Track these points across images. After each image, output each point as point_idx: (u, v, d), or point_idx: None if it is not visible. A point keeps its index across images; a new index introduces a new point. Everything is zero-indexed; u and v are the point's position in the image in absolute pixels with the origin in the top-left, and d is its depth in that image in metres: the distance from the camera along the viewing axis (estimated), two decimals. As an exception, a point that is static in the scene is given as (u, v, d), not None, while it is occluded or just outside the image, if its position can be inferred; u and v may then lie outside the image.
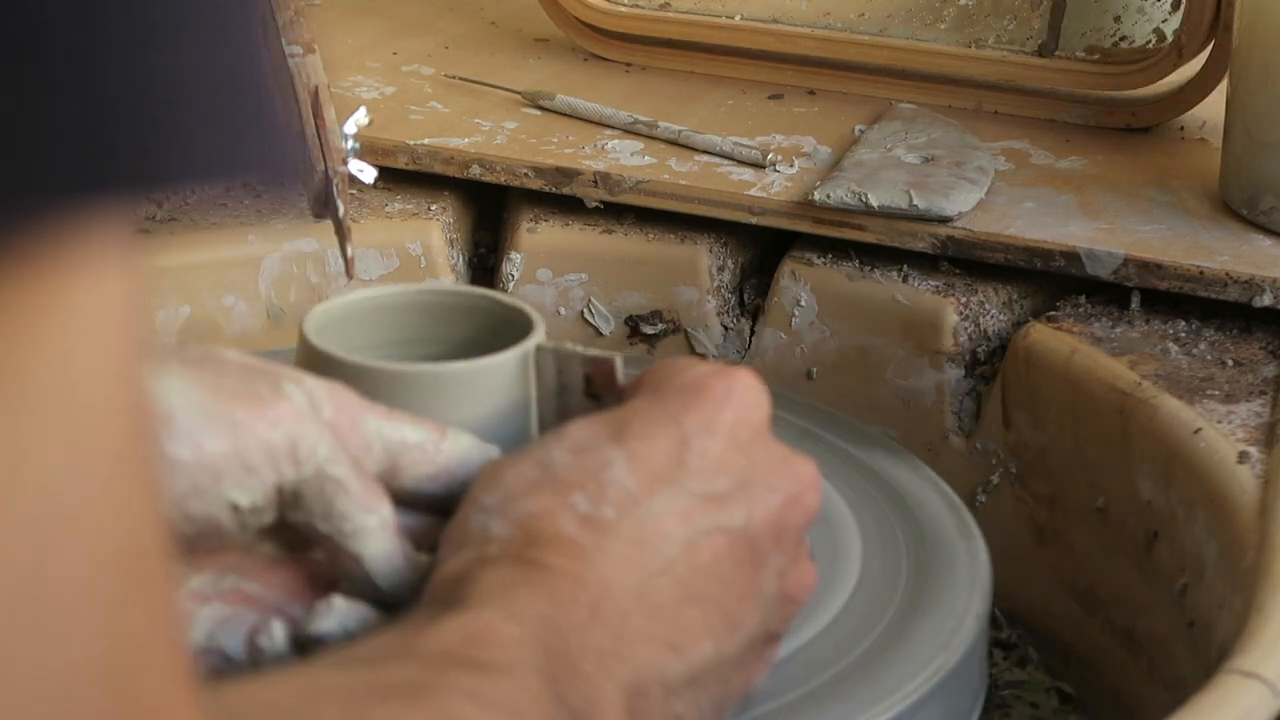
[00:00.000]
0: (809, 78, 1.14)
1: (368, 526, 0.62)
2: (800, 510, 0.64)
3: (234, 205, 1.05)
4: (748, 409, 0.64)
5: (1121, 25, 1.09)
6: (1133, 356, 0.91)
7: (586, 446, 0.62)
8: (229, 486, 0.60)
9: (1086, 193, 1.01)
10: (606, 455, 0.61)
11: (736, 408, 0.64)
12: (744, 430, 0.63)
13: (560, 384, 0.67)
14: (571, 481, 0.61)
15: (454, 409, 0.72)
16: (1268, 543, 0.76)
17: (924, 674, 0.70)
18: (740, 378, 0.64)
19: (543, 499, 0.60)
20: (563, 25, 1.18)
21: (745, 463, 0.63)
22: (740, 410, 0.64)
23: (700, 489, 0.62)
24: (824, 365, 1.00)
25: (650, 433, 0.62)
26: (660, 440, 0.62)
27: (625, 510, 0.60)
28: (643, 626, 0.59)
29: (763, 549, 0.63)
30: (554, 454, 0.62)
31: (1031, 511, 0.94)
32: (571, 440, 0.62)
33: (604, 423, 0.63)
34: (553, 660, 0.55)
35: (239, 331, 1.01)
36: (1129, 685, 0.88)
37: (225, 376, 0.61)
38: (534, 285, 1.04)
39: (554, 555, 0.59)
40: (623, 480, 0.61)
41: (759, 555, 0.62)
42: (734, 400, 0.64)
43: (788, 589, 0.64)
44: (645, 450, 0.62)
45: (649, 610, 0.59)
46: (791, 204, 1.00)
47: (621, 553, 0.59)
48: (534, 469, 0.62)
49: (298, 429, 0.61)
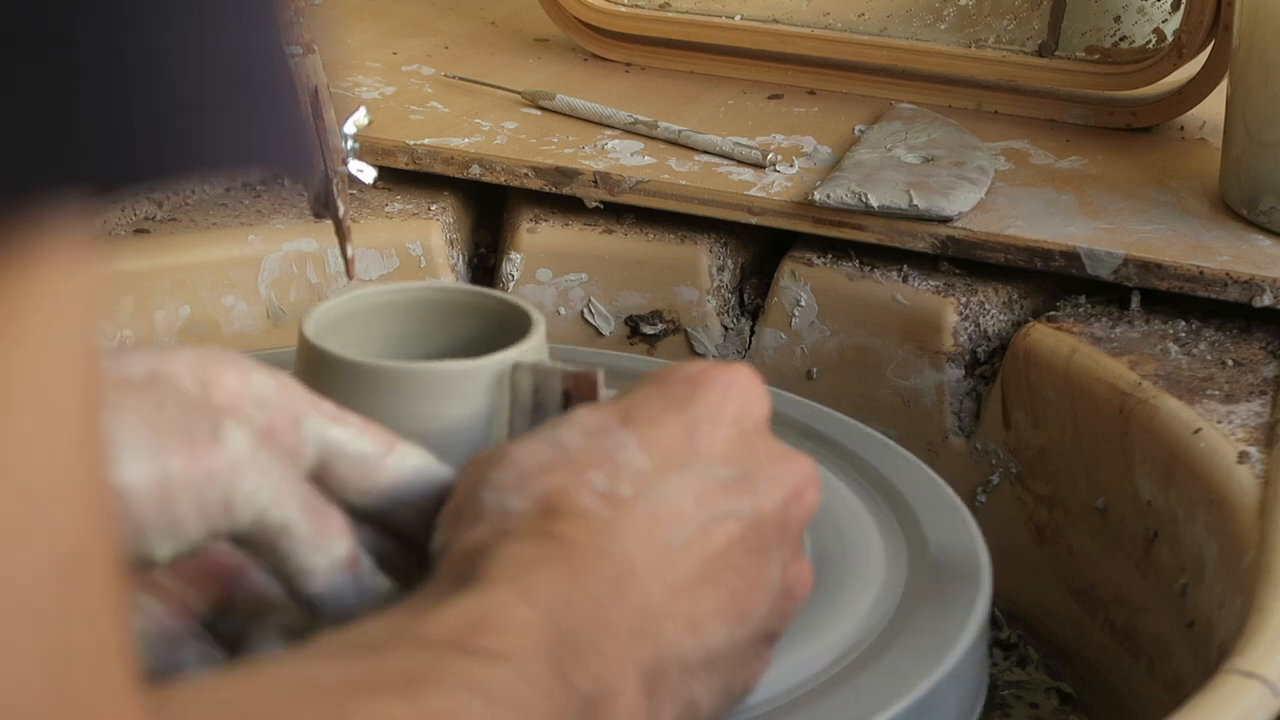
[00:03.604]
0: (809, 78, 1.14)
1: (316, 568, 0.60)
2: (802, 505, 0.64)
3: (234, 205, 1.05)
4: (750, 402, 0.64)
5: (1121, 25, 1.09)
6: (1133, 356, 0.91)
7: (597, 429, 0.62)
8: (152, 539, 0.57)
9: (1086, 193, 1.01)
10: (618, 437, 0.61)
11: (739, 400, 0.64)
12: (747, 422, 0.64)
13: (535, 401, 0.67)
14: (586, 461, 0.60)
15: (453, 407, 0.72)
16: (1268, 543, 0.76)
17: (924, 674, 0.70)
18: (740, 372, 0.65)
19: (559, 476, 0.60)
20: (563, 25, 1.18)
21: (750, 454, 0.63)
22: (743, 403, 0.64)
23: (711, 474, 0.62)
24: (824, 365, 1.00)
25: (659, 418, 0.62)
26: (669, 425, 0.62)
27: (642, 488, 0.60)
28: (664, 603, 0.59)
29: (769, 540, 0.63)
30: (565, 435, 0.62)
31: (1031, 511, 0.94)
32: (580, 424, 0.62)
33: (610, 409, 0.63)
34: (565, 643, 0.55)
35: (239, 331, 1.01)
36: (1129, 685, 0.88)
37: (165, 411, 0.58)
38: (534, 285, 1.04)
39: (575, 528, 0.58)
40: (637, 460, 0.61)
41: (766, 545, 0.63)
42: (736, 392, 0.64)
43: (789, 584, 0.64)
44: (655, 434, 0.62)
45: (669, 588, 0.59)
46: (791, 204, 1.00)
47: (641, 529, 0.59)
48: (547, 449, 0.61)
49: (232, 478, 0.58)
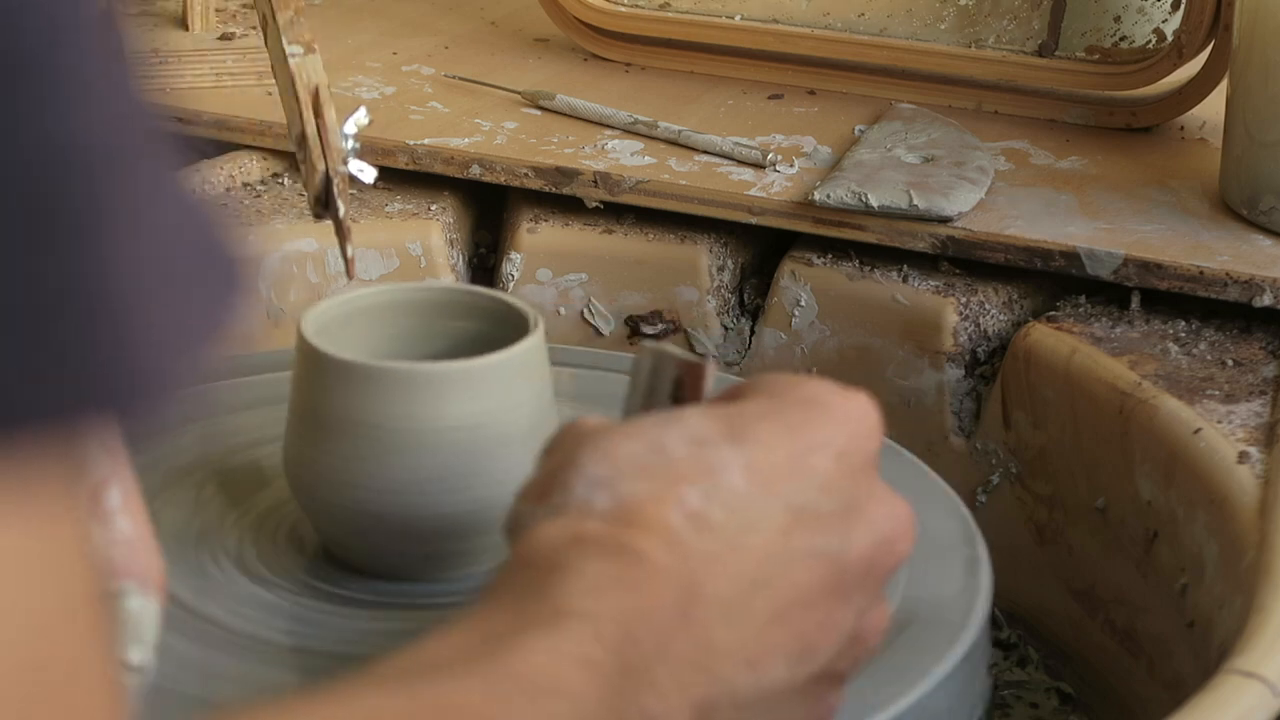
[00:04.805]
0: (809, 78, 1.14)
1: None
2: (892, 554, 0.62)
3: (234, 205, 1.05)
4: (864, 435, 0.62)
5: (1121, 25, 1.09)
6: (1133, 356, 0.91)
7: (704, 440, 0.59)
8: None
9: (1086, 193, 1.01)
10: (724, 454, 0.59)
11: (854, 432, 0.61)
12: (857, 457, 0.61)
13: (651, 385, 0.65)
14: (684, 473, 0.58)
15: (453, 408, 0.72)
16: (1268, 543, 0.76)
17: (924, 674, 0.70)
18: (859, 402, 0.62)
19: (653, 483, 0.58)
20: (563, 25, 1.18)
21: (852, 490, 0.61)
22: (857, 436, 0.61)
23: (807, 506, 0.60)
24: (824, 365, 1.00)
25: (768, 440, 0.60)
26: (778, 450, 0.60)
27: (732, 514, 0.58)
28: (727, 638, 0.57)
29: (851, 583, 0.61)
30: (670, 440, 0.59)
31: (1031, 511, 0.94)
32: (688, 430, 0.60)
33: (722, 419, 0.60)
34: (624, 673, 0.54)
35: (239, 331, 1.01)
36: (1129, 685, 0.88)
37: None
38: (534, 285, 1.04)
39: (652, 544, 0.56)
40: (735, 484, 0.59)
41: (846, 588, 0.60)
42: (852, 423, 0.61)
43: (863, 631, 0.62)
44: (762, 457, 0.59)
45: (737, 621, 0.58)
46: (791, 204, 1.00)
47: (720, 557, 0.58)
48: (647, 451, 0.59)
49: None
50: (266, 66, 0.87)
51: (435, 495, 0.72)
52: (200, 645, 0.71)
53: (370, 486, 0.73)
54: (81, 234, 0.31)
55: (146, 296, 0.32)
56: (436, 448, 0.72)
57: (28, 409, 0.31)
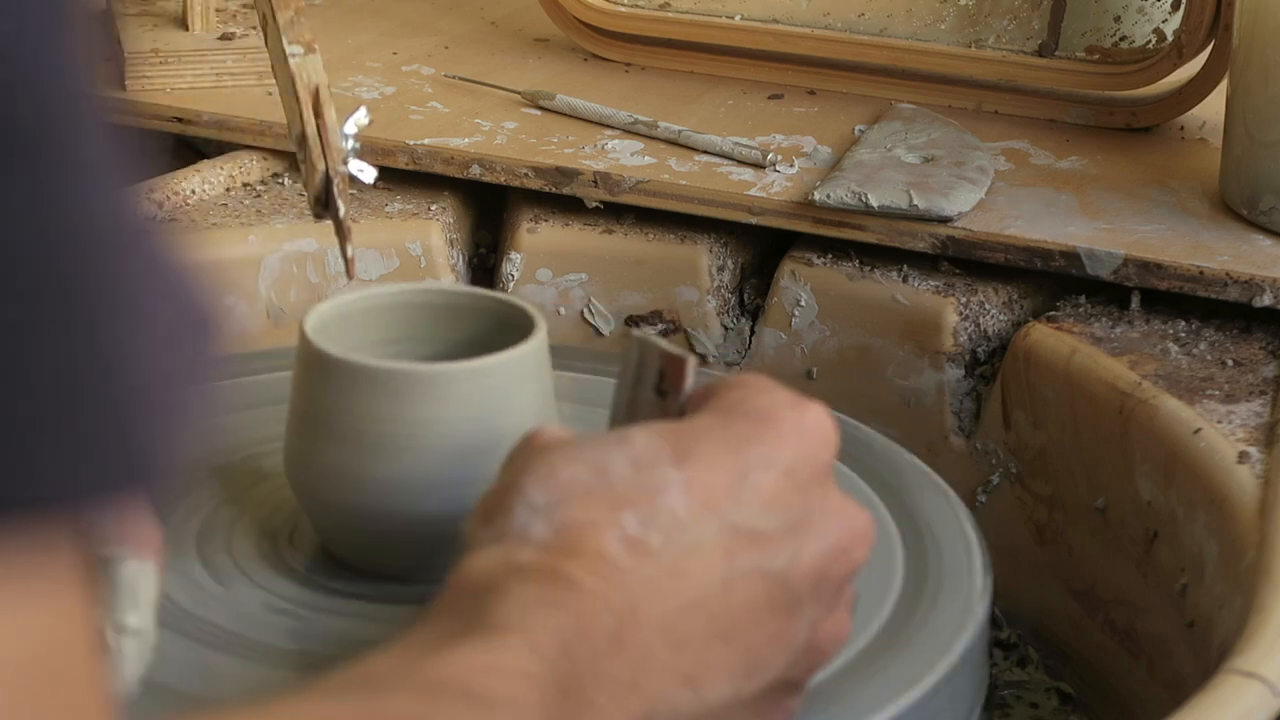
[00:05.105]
0: (809, 78, 1.14)
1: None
2: (846, 562, 0.62)
3: (234, 205, 1.05)
4: (815, 447, 0.62)
5: (1121, 25, 1.09)
6: (1133, 356, 0.91)
7: (647, 462, 0.60)
8: None
9: (1086, 193, 1.01)
10: (666, 476, 0.59)
11: (802, 444, 0.61)
12: (804, 470, 0.61)
13: (637, 375, 0.66)
14: (625, 498, 0.59)
15: (454, 409, 0.72)
16: (1268, 543, 0.76)
17: (924, 674, 0.70)
18: (812, 413, 0.62)
19: (592, 510, 0.58)
20: (563, 25, 1.18)
21: (800, 504, 0.61)
22: (806, 448, 0.61)
23: (749, 525, 0.60)
24: (824, 365, 1.00)
25: (710, 459, 0.60)
26: (720, 468, 0.60)
27: (671, 539, 0.59)
28: (667, 659, 0.58)
29: (799, 597, 0.61)
30: (614, 463, 0.60)
31: (1031, 511, 0.94)
32: (633, 451, 0.60)
33: (668, 438, 0.61)
34: (563, 691, 0.54)
35: (239, 331, 1.01)
36: (1129, 685, 0.88)
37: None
38: (534, 285, 1.04)
39: (587, 573, 0.57)
40: (676, 506, 0.59)
41: (795, 602, 0.61)
42: (802, 437, 0.61)
43: (818, 640, 0.62)
44: (703, 477, 0.60)
45: (674, 643, 0.58)
46: (791, 204, 1.00)
47: (658, 581, 0.58)
48: (590, 475, 0.59)
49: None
50: (267, 66, 0.87)
51: (436, 496, 0.72)
52: (200, 645, 0.71)
53: (370, 487, 0.73)
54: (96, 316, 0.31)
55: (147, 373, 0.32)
56: (438, 448, 0.72)
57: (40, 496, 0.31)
